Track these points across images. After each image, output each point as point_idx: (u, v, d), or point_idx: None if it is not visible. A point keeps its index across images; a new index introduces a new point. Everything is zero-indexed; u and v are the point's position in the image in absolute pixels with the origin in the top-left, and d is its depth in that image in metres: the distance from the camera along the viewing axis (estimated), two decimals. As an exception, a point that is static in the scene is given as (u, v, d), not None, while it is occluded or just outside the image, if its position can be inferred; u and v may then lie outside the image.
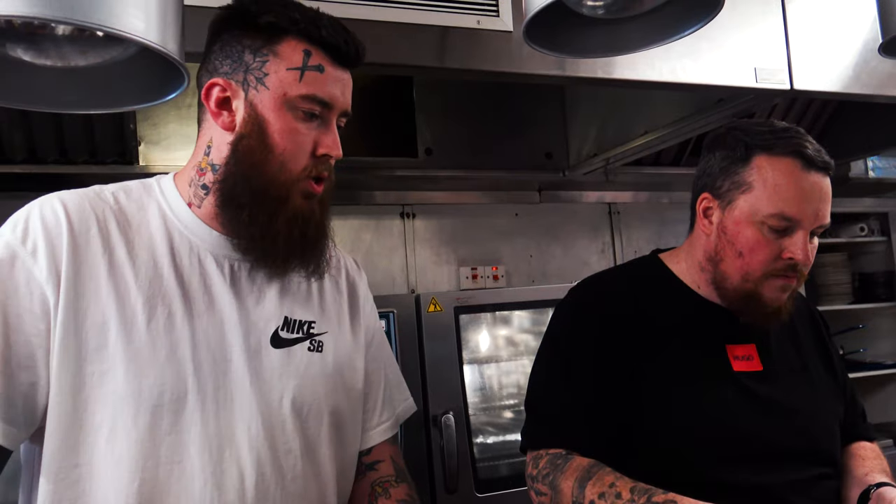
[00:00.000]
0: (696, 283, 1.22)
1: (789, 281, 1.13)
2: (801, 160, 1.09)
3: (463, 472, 1.93)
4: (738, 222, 1.12)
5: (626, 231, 3.08)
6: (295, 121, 0.95)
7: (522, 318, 2.32)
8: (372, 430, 1.12)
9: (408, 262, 2.77)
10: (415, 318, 2.00)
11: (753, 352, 1.18)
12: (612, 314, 1.18)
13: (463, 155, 2.51)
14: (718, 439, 1.10)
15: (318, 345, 1.03)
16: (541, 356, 1.24)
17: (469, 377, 2.08)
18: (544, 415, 1.18)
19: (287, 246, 0.96)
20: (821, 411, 1.20)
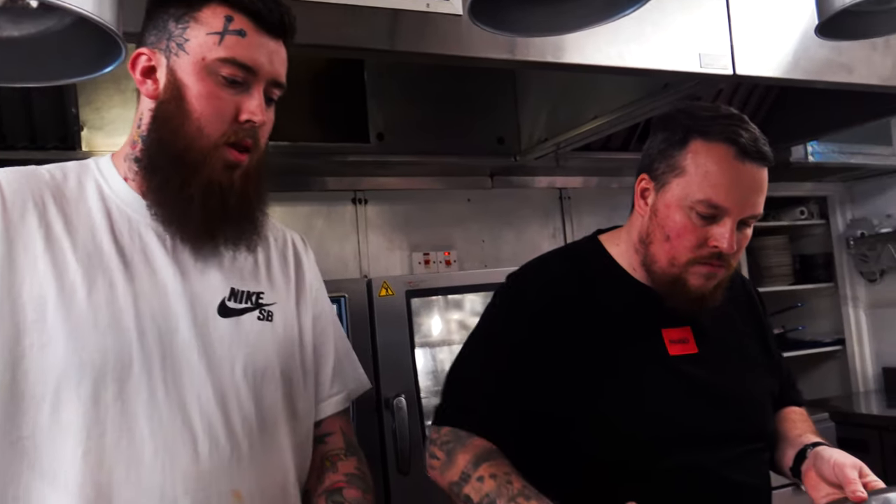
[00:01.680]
0: (632, 265, 1.21)
1: (714, 269, 1.12)
2: (735, 148, 1.08)
3: (415, 454, 1.94)
4: (669, 206, 1.12)
5: (576, 216, 3.12)
6: (216, 86, 0.94)
7: (474, 302, 2.34)
8: (321, 402, 1.12)
9: (360, 249, 2.76)
10: (366, 303, 2.01)
11: (689, 335, 1.18)
12: (548, 301, 1.17)
13: (415, 140, 2.51)
14: (655, 423, 1.12)
15: (267, 314, 1.03)
16: (471, 338, 1.24)
17: (421, 361, 2.10)
18: (461, 398, 1.19)
19: (204, 215, 0.96)
20: (754, 390, 1.23)
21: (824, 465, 1.09)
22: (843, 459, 1.08)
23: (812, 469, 1.12)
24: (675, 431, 1.12)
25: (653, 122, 1.23)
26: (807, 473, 1.14)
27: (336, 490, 1.05)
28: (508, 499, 1.02)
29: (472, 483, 1.07)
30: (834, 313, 3.77)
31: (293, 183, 2.58)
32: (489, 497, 1.04)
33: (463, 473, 1.08)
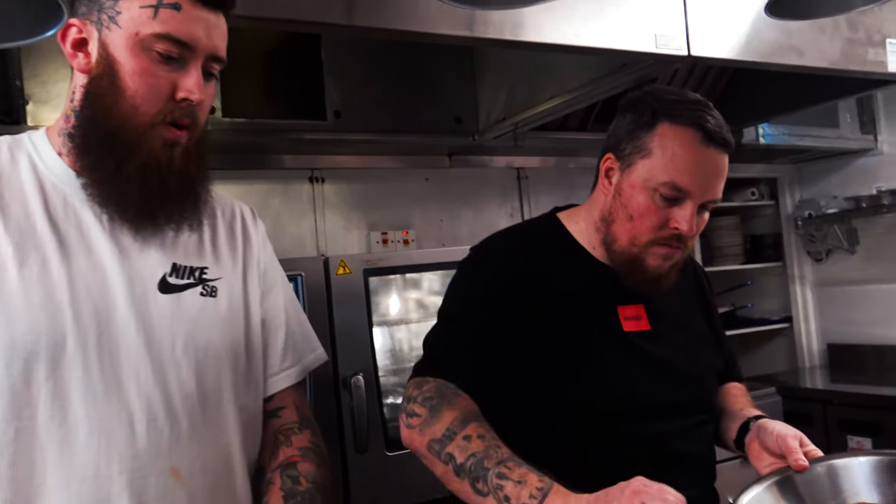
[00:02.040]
0: (591, 243, 1.24)
1: (672, 251, 1.15)
2: (702, 133, 1.10)
3: (373, 433, 1.95)
4: (634, 186, 1.14)
5: (534, 196, 3.14)
6: (150, 62, 0.91)
7: (432, 281, 2.34)
8: (273, 376, 1.11)
9: (317, 228, 2.74)
10: (324, 282, 1.99)
11: (642, 312, 1.21)
12: (510, 272, 1.19)
13: (373, 118, 2.49)
14: (610, 396, 1.15)
15: (211, 290, 1.02)
16: (441, 306, 1.25)
17: (379, 339, 2.10)
18: (438, 351, 1.18)
19: (142, 195, 0.93)
20: (702, 365, 1.27)
21: (767, 437, 1.13)
22: (785, 431, 1.12)
23: (755, 441, 1.16)
24: (630, 403, 1.15)
25: (621, 103, 1.23)
26: (750, 445, 1.18)
27: (290, 464, 1.05)
28: (498, 461, 0.98)
29: (457, 441, 1.02)
30: (782, 292, 3.88)
31: (249, 161, 2.54)
32: (476, 457, 0.99)
33: (448, 430, 1.03)
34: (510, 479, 0.95)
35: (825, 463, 1.07)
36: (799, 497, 1.05)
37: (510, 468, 0.96)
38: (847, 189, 3.51)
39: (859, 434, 2.77)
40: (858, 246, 3.53)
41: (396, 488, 1.99)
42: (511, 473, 0.96)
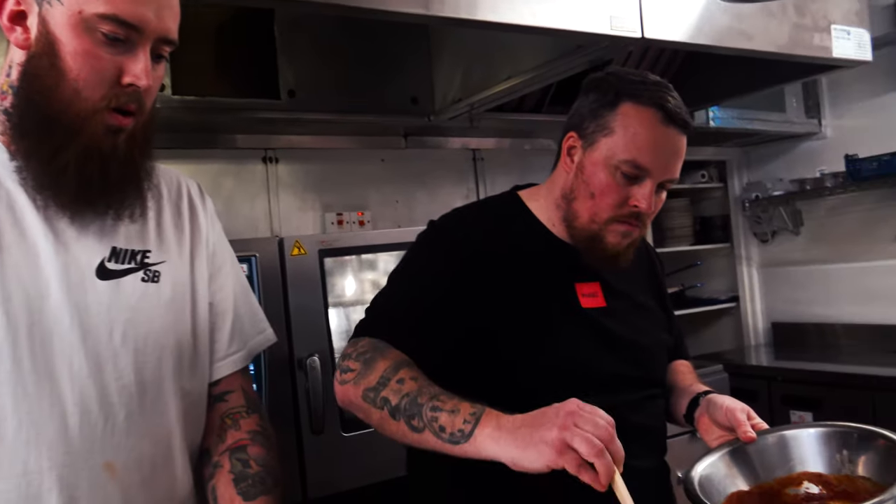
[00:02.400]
0: (551, 220, 1.25)
1: (631, 228, 1.18)
2: (662, 113, 1.13)
3: (329, 414, 1.94)
4: (595, 164, 1.16)
5: (489, 177, 3.15)
6: (94, 44, 0.85)
7: (388, 262, 2.33)
8: (220, 361, 1.08)
9: (271, 209, 2.70)
10: (278, 263, 1.97)
11: (598, 289, 1.24)
12: (467, 246, 1.19)
13: (327, 98, 2.46)
14: (567, 372, 1.17)
15: (153, 275, 0.98)
16: (392, 272, 1.24)
17: (334, 321, 2.08)
18: (379, 313, 1.18)
19: (80, 184, 0.88)
20: (653, 342, 1.31)
21: (717, 411, 1.17)
22: (733, 405, 1.16)
23: (705, 415, 1.20)
24: (587, 376, 1.18)
25: (584, 82, 1.24)
26: (700, 419, 1.22)
27: (240, 448, 1.03)
28: (431, 396, 0.98)
29: (391, 385, 1.02)
30: (729, 272, 3.98)
31: (200, 140, 2.49)
32: (409, 396, 0.99)
33: (382, 378, 1.03)
34: (444, 410, 0.96)
35: (776, 434, 1.11)
36: (751, 466, 1.09)
37: (443, 400, 0.97)
38: (792, 172, 3.61)
39: (801, 409, 2.87)
40: (802, 227, 3.64)
41: (353, 469, 2.00)
42: (444, 405, 0.96)
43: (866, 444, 1.04)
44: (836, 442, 1.08)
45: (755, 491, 1.07)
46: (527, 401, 1.14)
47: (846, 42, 2.15)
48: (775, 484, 1.07)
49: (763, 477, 1.09)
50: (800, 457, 1.09)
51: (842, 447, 1.06)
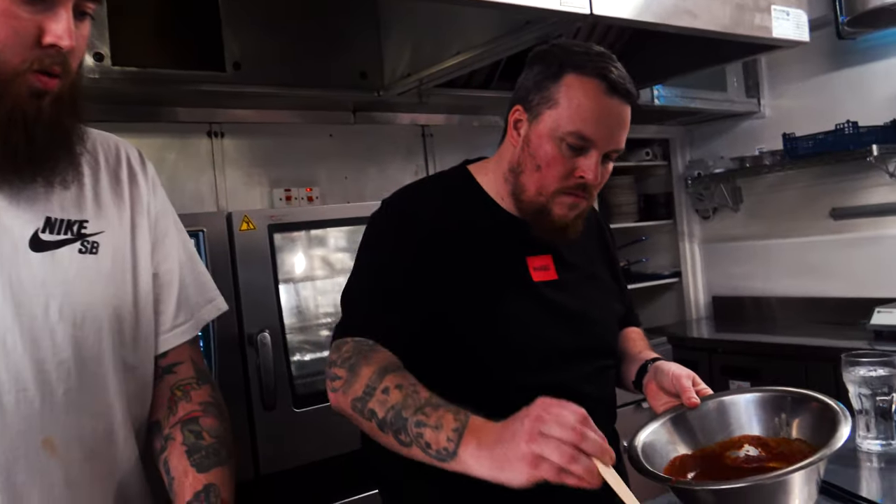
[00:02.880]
0: (500, 195, 1.25)
1: (578, 200, 1.18)
2: (606, 84, 1.13)
3: (281, 390, 1.94)
4: (541, 136, 1.16)
5: (439, 154, 3.15)
6: (11, 3, 0.80)
7: (338, 238, 2.32)
8: (167, 332, 1.05)
9: (217, 184, 2.65)
10: (227, 238, 1.93)
11: (550, 262, 1.25)
12: (420, 223, 1.20)
13: (274, 71, 2.41)
14: (520, 345, 1.18)
15: (91, 246, 0.94)
16: (356, 260, 1.25)
17: (285, 297, 2.07)
18: (355, 308, 1.18)
19: (6, 150, 0.84)
20: (605, 313, 1.33)
21: (663, 378, 1.20)
22: (679, 371, 1.20)
23: (653, 381, 1.24)
24: (539, 349, 1.19)
25: (529, 55, 1.24)
26: (648, 385, 1.25)
27: (192, 419, 1.01)
28: (415, 409, 0.96)
29: (377, 396, 1.01)
30: (672, 248, 4.09)
31: (142, 113, 2.42)
32: (395, 409, 0.98)
33: (367, 387, 1.02)
34: (428, 425, 0.94)
35: (715, 400, 1.16)
36: (693, 431, 1.13)
37: (427, 414, 0.95)
38: (733, 150, 3.71)
39: (740, 378, 2.97)
40: (742, 204, 3.75)
41: (305, 444, 2.00)
42: (428, 419, 0.95)
43: (800, 407, 1.10)
44: (774, 406, 1.13)
45: (698, 455, 1.11)
46: (485, 378, 1.16)
47: (786, 23, 2.22)
48: (717, 447, 1.11)
49: (704, 442, 1.13)
50: (740, 421, 1.14)
51: (779, 411, 1.11)
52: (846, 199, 3.31)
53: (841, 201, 3.32)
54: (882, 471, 1.31)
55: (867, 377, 1.35)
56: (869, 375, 1.35)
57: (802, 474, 0.92)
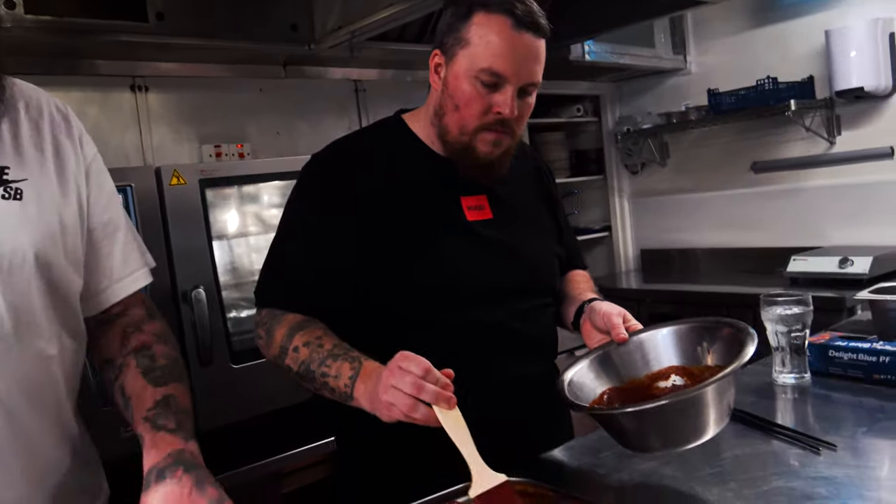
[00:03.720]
0: (431, 139, 1.27)
1: (499, 136, 1.20)
2: (513, 19, 1.15)
3: (217, 346, 1.92)
4: (457, 77, 1.18)
5: (372, 109, 3.12)
6: None
7: (272, 194, 2.29)
8: (118, 282, 1.04)
9: (143, 140, 2.57)
10: (156, 193, 1.88)
11: (484, 202, 1.28)
12: (351, 170, 1.22)
13: (199, 23, 2.32)
14: (456, 283, 1.21)
15: (15, 192, 0.91)
16: (283, 214, 1.26)
17: (219, 254, 2.03)
18: (275, 270, 1.25)
19: None
20: (542, 251, 1.36)
21: (596, 316, 1.25)
22: (609, 309, 1.25)
23: (588, 321, 1.28)
24: (474, 287, 1.22)
25: (444, 1, 1.25)
26: (583, 325, 1.29)
27: (144, 347, 1.01)
28: (320, 363, 1.11)
29: (290, 355, 1.15)
30: (603, 203, 4.19)
31: (61, 65, 2.31)
32: (304, 364, 1.13)
33: (281, 348, 1.16)
34: (329, 375, 1.10)
35: (640, 336, 1.21)
36: (619, 367, 1.18)
37: (328, 365, 1.10)
38: (661, 106, 3.80)
39: (667, 326, 3.09)
40: (669, 159, 3.86)
41: (244, 400, 1.99)
42: (329, 370, 1.10)
43: (716, 334, 1.15)
44: (693, 337, 1.18)
45: (627, 387, 1.16)
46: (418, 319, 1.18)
47: (710, -22, 2.27)
48: (646, 379, 1.16)
49: (631, 375, 1.18)
50: (663, 355, 1.19)
51: (699, 340, 1.17)
52: (766, 154, 3.44)
53: (761, 155, 3.46)
54: (795, 401, 1.40)
55: (783, 315, 1.44)
56: (785, 314, 1.44)
57: (713, 390, 0.97)
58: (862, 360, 1.42)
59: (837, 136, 3.19)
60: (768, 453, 1.15)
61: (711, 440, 1.18)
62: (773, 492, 1.00)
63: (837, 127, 3.18)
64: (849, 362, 1.44)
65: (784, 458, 1.13)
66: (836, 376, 1.45)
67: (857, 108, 3.10)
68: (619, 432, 1.06)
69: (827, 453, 1.11)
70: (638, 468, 1.13)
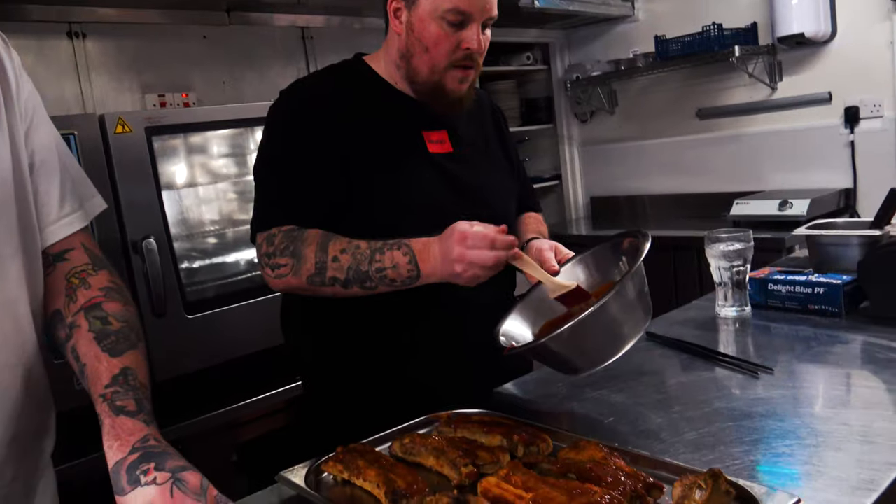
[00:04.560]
0: (393, 79, 1.33)
1: (467, 73, 1.27)
2: None
3: (171, 297, 1.90)
4: (422, 20, 1.23)
5: (320, 57, 3.06)
6: None
7: (220, 144, 2.25)
8: (54, 223, 1.00)
9: (83, 90, 2.48)
10: (101, 141, 1.83)
11: (445, 137, 1.34)
12: (322, 107, 1.26)
13: (136, -36, 2.25)
14: (418, 212, 1.26)
15: None
16: (261, 149, 1.30)
17: (168, 204, 2.00)
18: (271, 197, 1.26)
19: None
20: (499, 186, 1.42)
21: (530, 254, 1.28)
22: (541, 244, 1.30)
23: None
24: (435, 216, 1.24)
25: None
26: None
27: (95, 305, 0.98)
28: (369, 262, 1.14)
29: (330, 266, 1.16)
30: (553, 151, 4.22)
31: (-11, 10, 2.21)
32: (352, 268, 1.15)
33: (318, 263, 1.16)
34: (386, 267, 1.14)
35: (568, 264, 1.25)
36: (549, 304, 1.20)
37: (379, 260, 1.14)
38: (609, 54, 3.82)
39: (615, 270, 3.17)
40: (617, 107, 3.91)
41: (198, 350, 1.99)
42: (383, 264, 1.14)
43: (620, 248, 1.22)
44: (609, 255, 1.24)
45: (557, 320, 1.17)
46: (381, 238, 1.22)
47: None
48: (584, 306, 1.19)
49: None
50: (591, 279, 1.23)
51: (617, 257, 1.22)
52: (711, 100, 3.51)
53: (706, 102, 3.52)
54: (737, 332, 1.47)
55: (725, 251, 1.50)
56: (727, 250, 1.50)
57: (615, 298, 1.01)
58: (799, 293, 1.49)
59: (779, 81, 3.27)
60: (711, 379, 1.21)
61: (657, 372, 1.24)
62: (715, 412, 1.06)
63: (779, 73, 3.26)
64: (786, 294, 1.51)
65: (725, 383, 1.19)
66: (774, 308, 1.53)
67: (799, 53, 3.18)
68: (549, 363, 1.13)
69: (765, 377, 1.18)
70: (589, 396, 1.18)
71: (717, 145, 3.51)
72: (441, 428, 1.07)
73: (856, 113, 3.06)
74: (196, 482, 0.82)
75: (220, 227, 2.22)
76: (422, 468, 0.97)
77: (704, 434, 0.99)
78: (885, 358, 1.21)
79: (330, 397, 1.37)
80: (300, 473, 0.97)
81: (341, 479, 0.96)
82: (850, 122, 3.08)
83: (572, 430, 1.01)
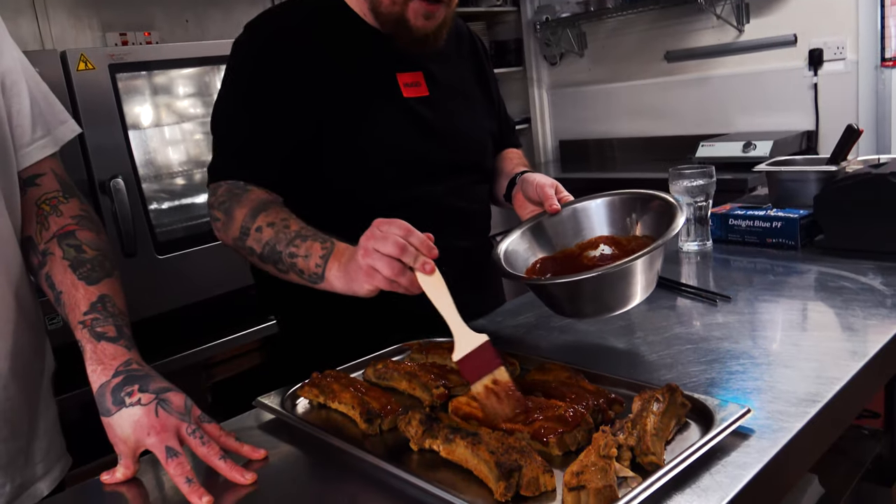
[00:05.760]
0: (364, 13, 1.25)
1: (433, 9, 1.18)
2: None
3: (141, 238, 1.90)
4: None
5: (286, -4, 3.00)
6: None
7: (186, 83, 2.22)
8: (25, 148, 0.99)
9: (40, 29, 2.41)
10: (63, 79, 1.79)
11: (421, 79, 1.27)
12: (289, 45, 1.19)
13: None
14: (391, 158, 1.22)
15: None
16: (221, 90, 1.23)
17: (135, 144, 1.98)
18: (226, 146, 1.20)
19: None
20: (477, 129, 1.38)
21: (528, 187, 1.27)
22: (543, 180, 1.26)
23: (520, 192, 1.31)
24: (408, 162, 1.24)
25: None
26: (515, 196, 1.32)
27: (68, 233, 0.98)
28: (287, 243, 1.05)
29: (252, 235, 1.09)
30: (522, 95, 4.21)
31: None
32: (269, 245, 1.07)
33: (243, 227, 1.10)
34: (299, 255, 1.04)
35: (571, 206, 1.25)
36: (550, 237, 1.22)
37: (297, 245, 1.04)
38: (578, -5, 3.79)
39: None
40: (587, 50, 3.90)
41: (170, 290, 2.00)
42: (298, 250, 1.04)
43: (645, 206, 1.19)
44: (623, 208, 1.22)
45: (559, 256, 1.21)
46: (355, 196, 1.20)
47: None
48: (576, 248, 1.21)
49: (563, 245, 1.23)
50: (591, 225, 1.23)
51: (629, 211, 1.21)
52: (678, 42, 3.52)
53: (674, 44, 3.53)
54: (698, 265, 1.52)
55: (689, 186, 1.53)
56: (690, 185, 1.53)
57: (643, 262, 1.02)
58: (758, 227, 1.54)
59: (746, 24, 3.28)
60: (672, 307, 1.26)
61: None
62: (675, 337, 1.11)
63: (746, 15, 3.27)
64: (746, 229, 1.56)
65: (686, 310, 1.24)
66: (734, 242, 1.58)
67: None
68: (552, 300, 1.11)
69: (723, 305, 1.23)
70: (556, 325, 1.22)
71: (685, 88, 3.54)
72: (413, 355, 1.11)
73: (819, 55, 3.09)
74: (180, 402, 0.84)
75: (188, 167, 2.20)
76: (395, 392, 1.00)
77: (664, 356, 1.04)
78: (836, 286, 1.27)
79: (304, 332, 1.35)
80: (276, 399, 1.00)
81: (317, 402, 0.99)
82: (813, 65, 3.12)
83: (539, 355, 1.05)
